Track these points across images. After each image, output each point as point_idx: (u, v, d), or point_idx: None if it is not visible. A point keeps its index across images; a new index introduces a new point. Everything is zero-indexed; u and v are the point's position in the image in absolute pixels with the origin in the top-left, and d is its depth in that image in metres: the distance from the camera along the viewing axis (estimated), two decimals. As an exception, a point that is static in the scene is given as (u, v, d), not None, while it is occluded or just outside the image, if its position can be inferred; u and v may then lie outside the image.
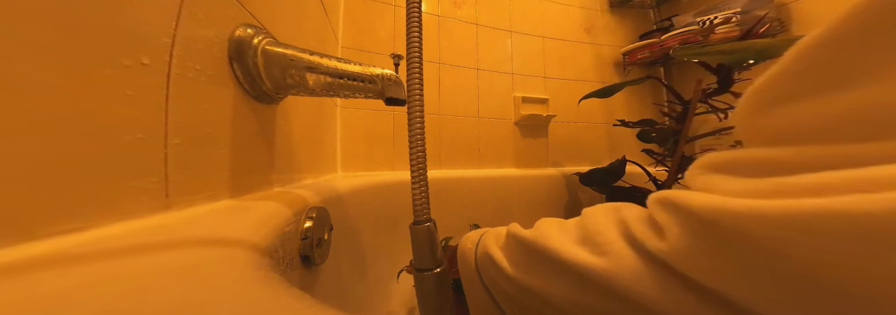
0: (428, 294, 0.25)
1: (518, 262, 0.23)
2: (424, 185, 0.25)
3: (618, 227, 0.19)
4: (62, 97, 0.17)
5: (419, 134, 0.26)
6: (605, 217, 0.20)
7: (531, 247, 0.22)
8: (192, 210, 0.27)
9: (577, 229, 0.21)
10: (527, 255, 0.23)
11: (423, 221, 0.25)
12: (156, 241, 0.18)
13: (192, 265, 0.15)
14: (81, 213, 0.18)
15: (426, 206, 0.25)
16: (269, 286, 0.14)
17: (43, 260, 0.14)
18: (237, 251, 0.18)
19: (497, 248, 0.26)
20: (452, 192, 1.03)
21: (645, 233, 0.16)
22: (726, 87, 0.74)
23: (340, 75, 0.37)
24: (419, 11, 0.29)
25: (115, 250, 0.16)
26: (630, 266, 0.16)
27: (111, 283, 0.13)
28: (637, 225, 0.17)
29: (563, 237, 0.21)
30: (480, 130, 1.20)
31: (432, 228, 0.25)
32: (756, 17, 1.04)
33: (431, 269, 0.25)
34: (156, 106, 0.23)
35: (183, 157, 0.26)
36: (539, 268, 0.21)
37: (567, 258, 0.19)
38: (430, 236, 0.25)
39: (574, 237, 0.20)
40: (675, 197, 0.15)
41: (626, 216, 0.19)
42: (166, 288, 0.13)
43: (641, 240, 0.16)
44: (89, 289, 0.12)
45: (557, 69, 1.35)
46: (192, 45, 0.27)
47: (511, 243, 0.24)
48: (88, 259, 0.15)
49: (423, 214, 0.25)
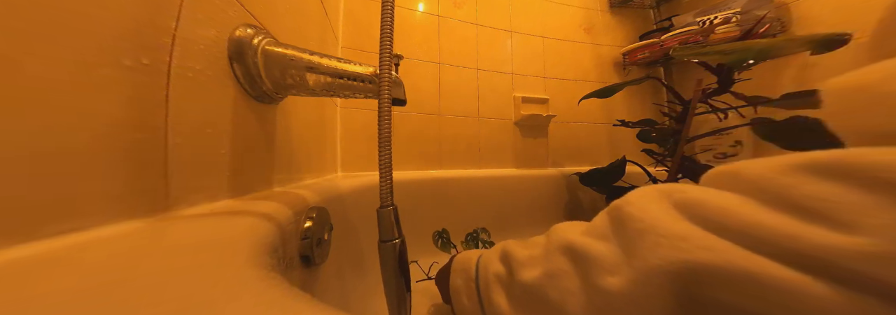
0: (388, 261, 0.32)
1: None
2: (389, 176, 0.31)
3: (690, 219, 0.14)
4: (62, 97, 0.17)
5: (387, 128, 0.31)
6: (658, 206, 0.16)
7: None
8: (192, 210, 0.27)
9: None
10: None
11: (387, 206, 0.32)
12: (155, 241, 0.18)
13: (192, 265, 0.15)
14: (81, 213, 0.18)
15: (390, 194, 0.31)
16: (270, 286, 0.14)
17: (43, 260, 0.14)
18: (237, 251, 0.18)
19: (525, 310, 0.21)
20: (452, 191, 1.03)
21: (789, 223, 0.12)
22: (726, 87, 0.74)
23: (340, 75, 0.37)
24: (392, 6, 0.31)
25: (115, 250, 0.16)
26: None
27: (111, 282, 0.13)
28: (758, 214, 0.13)
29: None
30: (480, 130, 1.20)
31: (394, 211, 0.32)
32: (756, 17, 1.04)
33: (391, 239, 0.32)
34: (156, 106, 0.23)
35: (183, 156, 0.26)
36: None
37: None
38: (390, 216, 0.32)
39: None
40: (851, 159, 0.11)
41: (703, 200, 0.14)
42: (166, 288, 0.13)
43: (784, 236, 0.12)
44: (89, 289, 0.12)
45: (557, 69, 1.35)
46: (192, 45, 0.27)
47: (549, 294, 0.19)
48: (88, 259, 0.15)
49: (388, 201, 0.31)
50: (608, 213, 0.20)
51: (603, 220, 0.20)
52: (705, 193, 0.15)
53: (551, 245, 0.21)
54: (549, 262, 0.20)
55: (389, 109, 0.31)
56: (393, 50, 0.32)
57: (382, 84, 0.31)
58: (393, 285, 0.32)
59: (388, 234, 0.32)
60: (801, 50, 0.55)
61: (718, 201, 0.14)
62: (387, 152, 0.32)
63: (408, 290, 0.33)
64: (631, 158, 1.04)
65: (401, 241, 0.33)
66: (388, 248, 0.32)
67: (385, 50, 0.31)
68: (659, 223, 0.15)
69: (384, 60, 0.31)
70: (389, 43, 0.31)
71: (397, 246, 0.32)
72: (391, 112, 0.31)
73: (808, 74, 1.06)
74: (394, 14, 0.31)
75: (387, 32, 0.31)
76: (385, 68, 0.31)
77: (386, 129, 0.31)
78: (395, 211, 0.33)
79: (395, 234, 0.33)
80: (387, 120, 0.31)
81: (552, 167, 1.29)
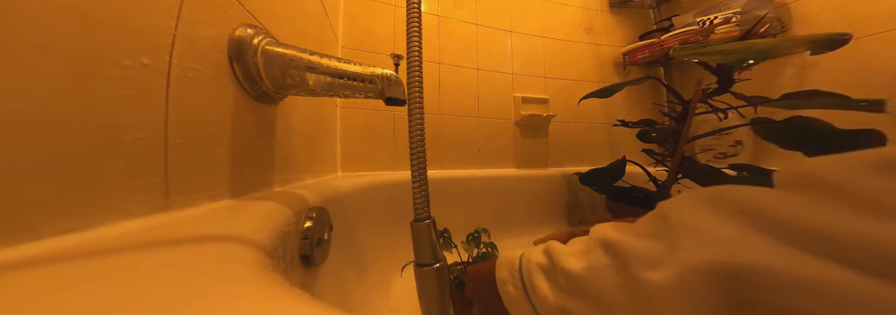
0: (428, 288, 0.26)
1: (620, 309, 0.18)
2: (424, 183, 0.25)
3: (748, 221, 0.14)
4: (62, 97, 0.17)
5: (419, 133, 0.27)
6: (714, 210, 0.15)
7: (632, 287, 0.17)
8: (192, 210, 0.27)
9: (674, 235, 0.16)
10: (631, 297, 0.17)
11: (423, 219, 0.25)
12: (156, 240, 0.18)
13: (192, 265, 0.15)
14: (81, 213, 0.18)
15: (426, 204, 0.26)
16: (270, 285, 0.14)
17: (43, 260, 0.14)
18: (237, 251, 0.18)
19: (565, 294, 0.21)
20: (452, 192, 1.03)
21: (861, 222, 0.11)
22: (726, 87, 0.74)
23: (340, 75, 0.37)
24: (419, 11, 0.29)
25: (116, 250, 0.16)
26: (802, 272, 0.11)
27: (111, 282, 0.13)
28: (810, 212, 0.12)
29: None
30: (480, 130, 1.20)
31: (432, 225, 0.26)
32: (756, 17, 1.04)
33: (431, 264, 0.26)
34: (156, 106, 0.24)
35: (183, 156, 0.26)
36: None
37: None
38: (429, 233, 0.26)
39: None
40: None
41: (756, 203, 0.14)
42: (166, 288, 0.13)
43: (849, 234, 0.11)
44: (89, 288, 0.12)
45: (557, 69, 1.35)
46: (192, 45, 0.27)
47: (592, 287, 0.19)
48: (89, 259, 0.15)
49: (423, 212, 0.25)
50: (651, 214, 0.20)
51: (646, 220, 0.20)
52: (753, 193, 0.15)
53: (592, 241, 0.21)
54: (591, 256, 0.20)
55: (421, 115, 0.27)
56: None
57: (412, 89, 0.28)
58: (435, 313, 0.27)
59: (427, 255, 0.25)
60: (801, 50, 0.55)
61: (768, 199, 0.14)
62: (420, 156, 0.26)
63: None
64: (631, 158, 1.04)
65: (443, 263, 0.26)
66: (429, 274, 0.25)
67: (413, 57, 0.28)
68: (702, 223, 0.15)
69: (413, 67, 0.28)
70: (418, 48, 0.28)
71: (441, 271, 0.26)
72: (423, 118, 0.27)
73: (808, 74, 1.06)
74: (421, 18, 0.29)
75: (415, 36, 0.28)
76: (414, 75, 0.28)
77: (418, 134, 0.27)
78: (433, 224, 0.26)
79: (437, 256, 0.26)
80: (419, 122, 0.27)
81: (552, 167, 1.29)
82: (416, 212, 0.26)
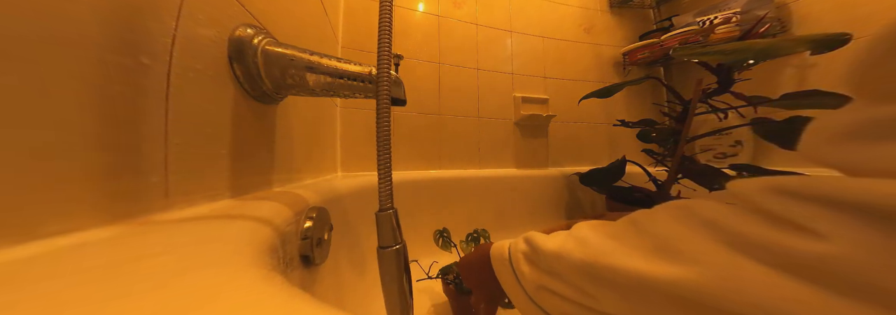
0: (387, 265, 0.31)
1: (581, 288, 0.21)
2: (389, 178, 0.30)
3: (706, 231, 0.16)
4: (62, 97, 0.17)
5: (386, 130, 0.30)
6: (677, 220, 0.17)
7: (591, 270, 0.20)
8: (192, 210, 0.27)
9: (641, 238, 0.19)
10: (590, 280, 0.20)
11: (387, 209, 0.30)
12: (155, 241, 0.18)
13: (192, 265, 0.15)
14: (81, 213, 0.18)
15: (390, 197, 0.30)
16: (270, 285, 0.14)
17: (43, 260, 0.14)
18: (237, 251, 0.18)
19: (544, 274, 0.25)
20: (452, 192, 1.03)
21: (774, 235, 0.13)
22: (726, 87, 0.74)
23: (340, 75, 0.37)
24: (390, 7, 0.31)
25: (115, 250, 0.16)
26: (744, 276, 0.13)
27: (111, 282, 0.13)
28: (746, 226, 0.14)
29: (627, 251, 0.18)
30: (480, 130, 1.20)
31: (394, 214, 0.31)
32: (756, 17, 1.04)
33: (392, 246, 0.31)
34: (156, 106, 0.24)
35: (183, 157, 0.26)
36: (610, 293, 0.19)
37: (646, 275, 0.16)
38: (391, 220, 0.31)
39: (643, 249, 0.18)
40: (814, 186, 0.13)
41: (714, 217, 0.16)
42: (166, 287, 0.13)
43: (774, 243, 0.13)
44: (89, 288, 0.12)
45: (557, 69, 1.35)
46: (192, 45, 0.27)
47: (560, 269, 0.23)
48: (88, 259, 0.15)
49: (387, 203, 0.30)
50: (624, 219, 0.22)
51: (619, 223, 0.22)
52: (712, 208, 0.17)
53: (570, 233, 0.25)
54: (565, 243, 0.24)
55: (388, 109, 0.30)
56: (392, 49, 0.32)
57: (381, 84, 0.30)
58: (394, 292, 0.31)
59: (388, 239, 0.31)
60: (801, 50, 0.55)
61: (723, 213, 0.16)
62: (386, 153, 0.30)
63: (410, 297, 0.32)
64: (631, 158, 1.04)
65: (402, 246, 0.31)
66: (389, 254, 0.31)
67: (383, 49, 0.30)
68: (669, 232, 0.17)
69: (383, 60, 0.30)
70: (388, 42, 0.31)
71: (399, 252, 0.31)
72: (390, 112, 0.31)
73: (808, 74, 1.06)
74: (392, 13, 0.31)
75: (386, 31, 0.30)
76: (383, 68, 0.31)
77: (385, 130, 0.30)
78: (396, 214, 0.31)
79: (397, 240, 0.31)
80: (386, 120, 0.30)
81: (552, 167, 1.29)
82: (381, 203, 0.30)
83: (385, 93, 0.30)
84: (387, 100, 0.30)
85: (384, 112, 0.30)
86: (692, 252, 0.15)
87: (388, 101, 0.31)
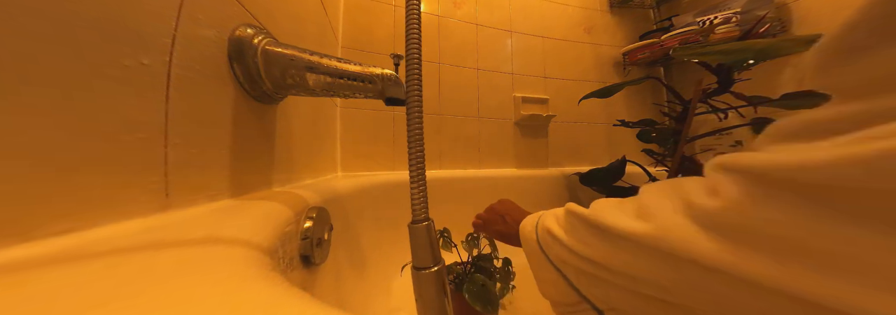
0: (425, 292, 0.25)
1: (580, 237, 0.25)
2: (423, 184, 0.25)
3: (671, 197, 0.20)
4: (62, 97, 0.17)
5: (418, 134, 0.26)
6: (659, 191, 0.22)
7: (590, 222, 0.24)
8: (192, 210, 0.27)
9: (633, 204, 0.23)
10: (587, 230, 0.25)
11: (421, 220, 0.25)
12: (155, 240, 0.18)
13: (192, 265, 0.15)
14: (81, 214, 0.18)
15: (425, 206, 0.25)
16: (270, 285, 0.14)
17: (43, 260, 0.14)
18: (237, 251, 0.18)
19: (558, 226, 0.29)
20: (452, 192, 1.03)
21: (698, 195, 0.17)
22: (726, 87, 0.74)
23: (340, 75, 0.37)
24: (418, 11, 0.28)
25: (115, 250, 0.16)
26: (677, 227, 0.17)
27: (110, 283, 0.13)
28: (693, 190, 0.18)
29: (619, 213, 0.23)
30: (480, 130, 1.20)
31: (431, 227, 0.26)
32: (756, 17, 1.04)
33: (430, 267, 0.25)
34: (156, 106, 0.24)
35: (183, 157, 0.26)
36: (597, 241, 0.23)
37: (621, 229, 0.21)
38: (428, 235, 0.26)
39: (630, 212, 0.22)
40: (727, 159, 0.17)
41: (684, 185, 0.20)
42: (166, 287, 0.13)
43: (694, 201, 0.17)
44: (89, 288, 0.12)
45: (557, 69, 1.35)
46: (192, 45, 0.27)
47: (572, 221, 0.27)
48: (88, 259, 0.15)
49: (422, 214, 0.25)
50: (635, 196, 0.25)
51: (630, 197, 0.25)
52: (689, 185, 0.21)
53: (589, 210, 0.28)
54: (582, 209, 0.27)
55: (420, 114, 0.27)
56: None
57: (411, 90, 0.27)
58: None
59: (426, 258, 0.25)
60: (801, 50, 0.55)
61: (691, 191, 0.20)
62: (419, 156, 0.26)
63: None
64: (631, 158, 1.04)
65: (442, 266, 0.26)
66: (427, 278, 0.25)
67: (412, 55, 0.27)
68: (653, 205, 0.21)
69: (412, 66, 0.27)
70: (417, 47, 0.27)
71: (440, 273, 0.25)
72: (422, 116, 0.27)
73: (808, 74, 1.05)
74: (420, 18, 0.28)
75: (414, 35, 0.27)
76: (413, 74, 0.27)
77: (417, 134, 0.26)
78: (433, 227, 0.26)
79: (436, 259, 0.25)
80: (418, 124, 0.26)
81: (552, 167, 1.29)
82: (415, 213, 0.26)
83: (415, 98, 0.28)
84: (418, 104, 0.27)
85: (415, 115, 0.27)
86: (656, 215, 0.19)
87: (419, 105, 0.28)
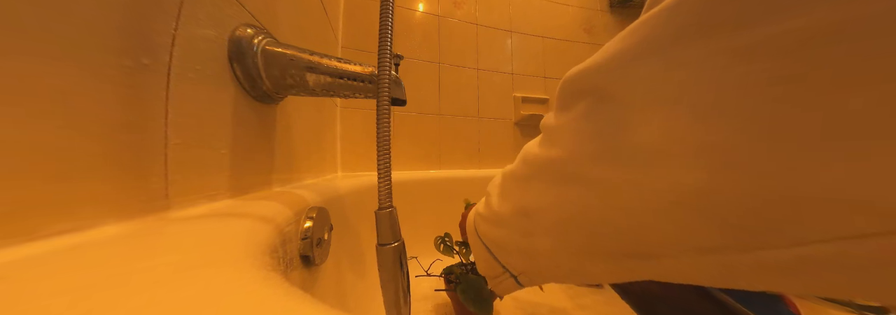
0: (386, 262, 0.31)
1: (504, 192, 0.27)
2: (388, 177, 0.31)
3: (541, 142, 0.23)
4: (62, 97, 0.17)
5: (386, 130, 0.31)
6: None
7: (512, 174, 0.26)
8: (192, 210, 0.27)
9: (546, 136, 0.24)
10: (512, 181, 0.26)
11: (386, 207, 0.31)
12: (155, 241, 0.18)
13: (192, 265, 0.15)
14: (81, 213, 0.18)
15: (389, 196, 0.31)
16: (270, 286, 0.14)
17: (43, 260, 0.14)
18: (237, 251, 0.18)
19: (483, 202, 0.30)
20: (452, 192, 1.03)
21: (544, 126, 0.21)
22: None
23: (340, 75, 0.37)
24: (391, 6, 0.31)
25: (115, 250, 0.16)
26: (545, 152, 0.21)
27: (111, 283, 0.13)
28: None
29: (537, 144, 0.24)
30: (480, 130, 1.21)
31: (393, 213, 0.32)
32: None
33: (390, 243, 0.31)
34: (156, 106, 0.24)
35: (183, 157, 0.26)
36: (515, 188, 0.25)
37: (541, 155, 0.22)
38: (390, 218, 0.31)
39: (544, 142, 0.23)
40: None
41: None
42: (166, 288, 0.13)
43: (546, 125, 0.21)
44: (89, 289, 0.12)
45: (557, 69, 1.36)
46: (192, 45, 0.27)
47: (497, 181, 0.29)
48: (88, 259, 0.15)
49: (387, 202, 0.31)
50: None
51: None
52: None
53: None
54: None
55: (388, 109, 0.31)
56: (392, 50, 0.32)
57: (381, 83, 0.30)
58: (391, 289, 0.32)
59: (387, 237, 0.31)
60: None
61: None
62: (386, 153, 0.31)
63: (407, 293, 0.33)
64: (631, 158, 1.04)
65: (400, 243, 0.32)
66: (387, 251, 0.31)
67: (384, 49, 0.30)
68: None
69: (383, 59, 0.30)
70: (388, 42, 0.31)
71: (397, 249, 0.32)
72: (390, 112, 0.31)
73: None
74: (393, 12, 0.31)
75: (386, 31, 0.31)
76: (384, 68, 0.31)
77: (385, 129, 0.31)
78: (395, 213, 0.32)
79: (396, 237, 0.32)
80: (386, 119, 0.30)
81: (552, 167, 1.29)
82: (381, 201, 0.31)
83: (385, 92, 0.31)
84: (387, 100, 0.31)
85: (384, 112, 0.30)
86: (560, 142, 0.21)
87: (387, 101, 0.31)
